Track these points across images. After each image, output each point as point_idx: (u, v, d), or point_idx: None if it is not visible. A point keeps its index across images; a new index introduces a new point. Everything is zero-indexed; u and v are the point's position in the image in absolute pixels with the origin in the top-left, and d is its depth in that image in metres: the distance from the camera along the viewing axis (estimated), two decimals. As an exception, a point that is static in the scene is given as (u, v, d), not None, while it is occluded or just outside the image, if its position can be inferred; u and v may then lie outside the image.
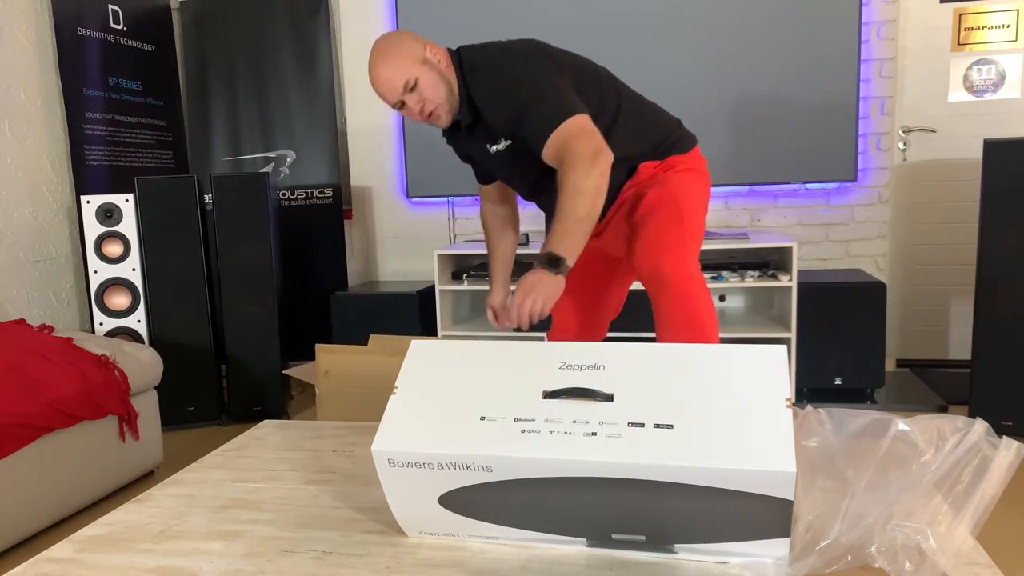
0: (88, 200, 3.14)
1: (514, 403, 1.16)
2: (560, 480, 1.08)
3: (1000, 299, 2.72)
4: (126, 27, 3.62)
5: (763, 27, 3.46)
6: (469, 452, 1.11)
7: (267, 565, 1.28)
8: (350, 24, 3.97)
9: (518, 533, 1.20)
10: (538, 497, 1.12)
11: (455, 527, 1.23)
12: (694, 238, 1.65)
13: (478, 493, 1.15)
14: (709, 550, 1.10)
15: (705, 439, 1.02)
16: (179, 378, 3.20)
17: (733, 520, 1.04)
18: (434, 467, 1.14)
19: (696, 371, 1.13)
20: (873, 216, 3.60)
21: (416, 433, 1.16)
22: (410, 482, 1.18)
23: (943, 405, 3.15)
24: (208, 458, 1.84)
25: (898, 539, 0.99)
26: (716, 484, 1.01)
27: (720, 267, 3.22)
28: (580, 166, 1.52)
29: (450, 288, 3.44)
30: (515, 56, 1.68)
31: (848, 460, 1.11)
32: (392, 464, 1.18)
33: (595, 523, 1.12)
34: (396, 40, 1.70)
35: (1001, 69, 3.52)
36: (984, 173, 2.71)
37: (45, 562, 1.33)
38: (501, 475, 1.11)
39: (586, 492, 1.08)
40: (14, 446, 2.11)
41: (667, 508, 1.06)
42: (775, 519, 1.01)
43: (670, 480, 1.02)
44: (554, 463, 1.07)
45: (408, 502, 1.21)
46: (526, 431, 1.11)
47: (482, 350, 1.26)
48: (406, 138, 3.88)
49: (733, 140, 3.54)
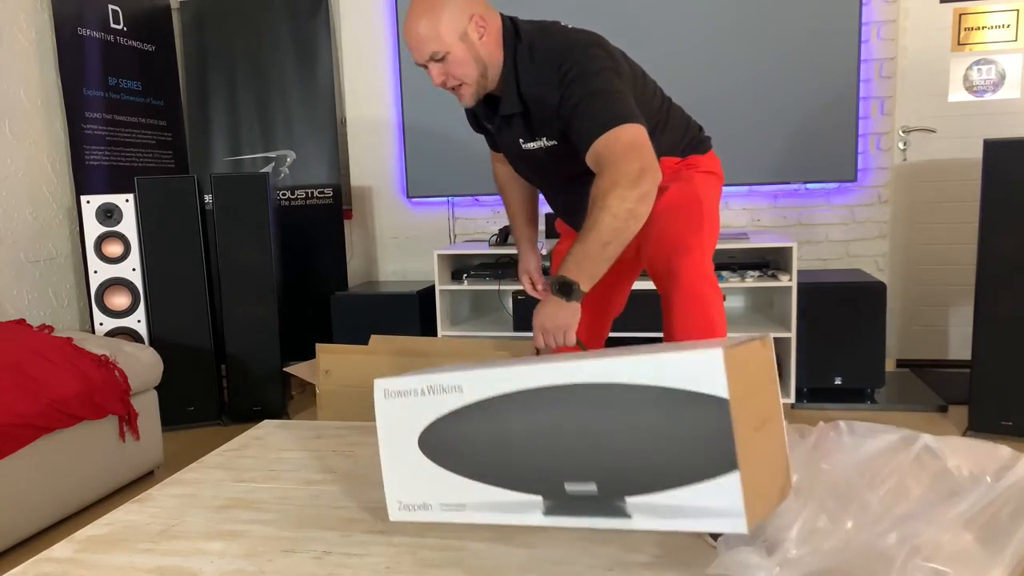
0: (88, 200, 3.14)
1: (501, 361, 1.33)
2: (517, 397, 1.21)
3: (1000, 299, 2.72)
4: (126, 27, 3.62)
5: (763, 27, 3.46)
6: (446, 375, 1.28)
7: (267, 565, 1.27)
8: (350, 24, 3.97)
9: (481, 491, 1.29)
10: (500, 428, 1.24)
11: (428, 490, 1.34)
12: (712, 240, 1.61)
13: (449, 426, 1.29)
14: (660, 507, 1.12)
15: (651, 351, 1.14)
16: (179, 378, 3.20)
17: (676, 443, 1.08)
18: (418, 394, 1.31)
19: (669, 344, 1.27)
20: (873, 216, 3.60)
21: (409, 378, 1.35)
22: (399, 418, 1.34)
23: (943, 405, 3.15)
24: (208, 458, 1.84)
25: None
26: (653, 381, 1.09)
27: (720, 267, 3.22)
28: (620, 184, 1.39)
29: (450, 288, 3.44)
30: (579, 49, 1.53)
31: (868, 482, 1.02)
32: (387, 395, 1.35)
33: (549, 467, 1.21)
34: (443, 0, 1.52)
35: (1001, 69, 3.52)
36: (984, 173, 2.70)
37: (45, 562, 1.33)
38: (470, 395, 1.25)
39: (541, 414, 1.19)
40: (14, 446, 2.11)
41: (610, 428, 1.14)
42: (715, 436, 1.04)
43: (616, 381, 1.12)
44: (516, 373, 1.20)
45: (395, 450, 1.36)
46: (502, 363, 1.27)
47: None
48: (406, 138, 3.88)
49: (733, 140, 3.54)
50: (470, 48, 1.53)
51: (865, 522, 0.94)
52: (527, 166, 1.76)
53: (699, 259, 1.51)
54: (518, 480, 1.24)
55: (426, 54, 1.53)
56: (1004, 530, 0.85)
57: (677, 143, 1.73)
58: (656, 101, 1.71)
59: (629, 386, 1.11)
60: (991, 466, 0.90)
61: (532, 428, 1.21)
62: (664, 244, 1.52)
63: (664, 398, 1.08)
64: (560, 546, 1.29)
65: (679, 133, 1.73)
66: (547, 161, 1.65)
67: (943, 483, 0.93)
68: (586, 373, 1.14)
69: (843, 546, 0.92)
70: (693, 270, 1.50)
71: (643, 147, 1.44)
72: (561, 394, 1.17)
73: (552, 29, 1.60)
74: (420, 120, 3.86)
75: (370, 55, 3.97)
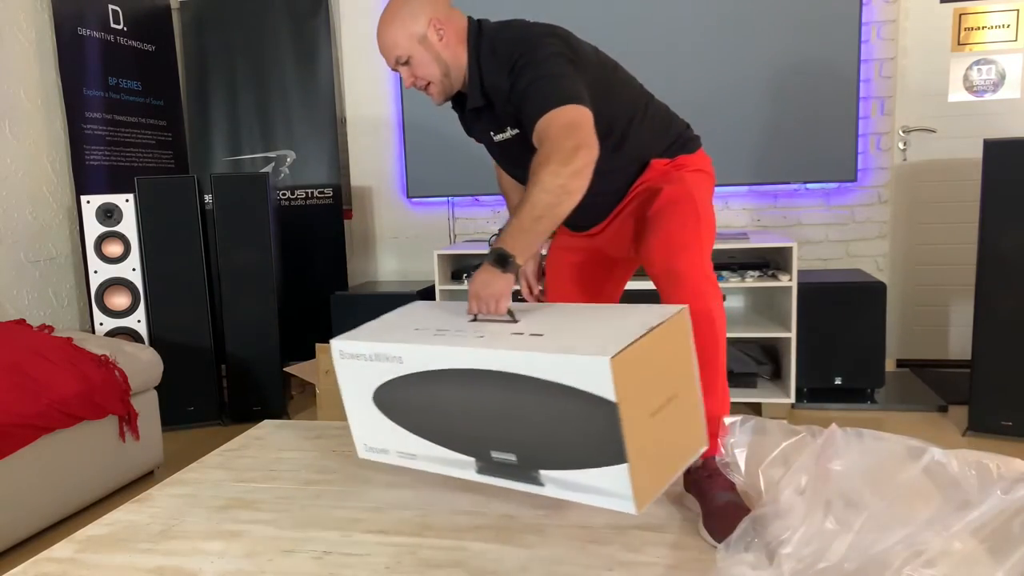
0: (88, 200, 3.14)
1: (444, 322, 1.49)
2: (446, 374, 1.35)
3: (1000, 299, 2.72)
4: (126, 27, 3.62)
5: (763, 27, 3.46)
6: (388, 345, 1.41)
7: (267, 565, 1.28)
8: (350, 24, 3.97)
9: (426, 447, 1.44)
10: (436, 397, 1.38)
11: (386, 438, 1.49)
12: (709, 237, 1.62)
13: (396, 389, 1.43)
14: (568, 482, 1.27)
15: (558, 343, 1.24)
16: (179, 378, 3.20)
17: (575, 431, 1.21)
18: (367, 359, 1.46)
19: (600, 314, 1.39)
20: (873, 216, 3.60)
21: (363, 337, 1.49)
22: (354, 375, 1.49)
23: (943, 405, 3.15)
24: (208, 458, 1.84)
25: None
26: (550, 377, 1.21)
27: (720, 267, 3.22)
28: (552, 161, 1.43)
29: (450, 288, 3.44)
30: (534, 39, 1.60)
31: (872, 485, 1.02)
32: (342, 356, 1.50)
33: (477, 435, 1.35)
34: (401, 7, 1.63)
35: (1001, 69, 3.52)
36: (984, 173, 2.70)
37: (45, 562, 1.33)
38: (408, 367, 1.40)
39: (469, 390, 1.33)
40: (14, 446, 2.11)
41: (521, 413, 1.27)
42: (606, 432, 1.17)
43: (520, 372, 1.24)
44: (443, 353, 1.34)
45: (355, 402, 1.51)
46: (438, 334, 1.41)
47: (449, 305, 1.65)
48: (406, 138, 3.88)
49: (733, 140, 3.54)
50: (429, 49, 1.63)
51: (872, 528, 0.93)
52: (505, 159, 1.82)
53: (697, 257, 1.52)
54: (455, 441, 1.40)
55: (392, 59, 1.65)
56: (1012, 541, 0.84)
57: (661, 139, 1.74)
58: (630, 92, 1.74)
59: (531, 379, 1.23)
60: (1003, 477, 0.88)
61: (462, 401, 1.35)
62: (662, 244, 1.53)
63: (561, 392, 1.20)
64: (560, 546, 1.29)
65: (662, 128, 1.75)
66: (519, 151, 1.68)
67: (953, 494, 0.91)
68: (496, 361, 1.27)
69: (847, 552, 0.92)
70: (692, 268, 1.51)
71: (582, 126, 1.48)
72: (482, 376, 1.30)
73: (513, 24, 1.68)
74: (420, 120, 3.86)
75: (370, 55, 3.96)
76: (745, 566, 1.01)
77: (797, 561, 0.98)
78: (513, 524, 1.38)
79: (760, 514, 1.14)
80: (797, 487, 1.10)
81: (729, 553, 1.10)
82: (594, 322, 1.32)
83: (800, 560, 0.99)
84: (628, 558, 1.23)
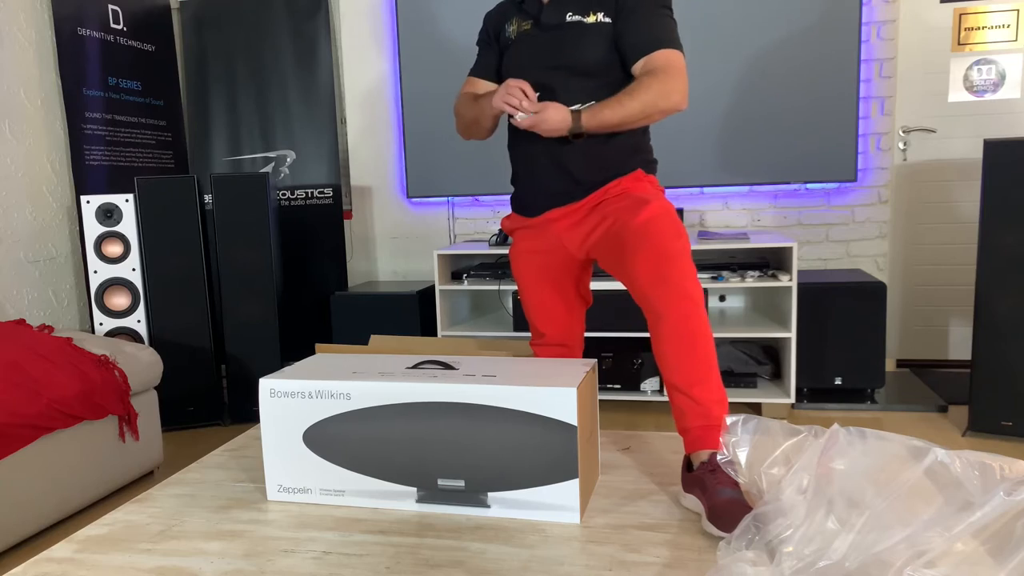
0: (88, 200, 3.14)
1: (383, 368, 1.57)
2: (401, 408, 1.44)
3: (1000, 299, 2.72)
4: (126, 27, 3.62)
5: (763, 27, 3.46)
6: (336, 383, 1.47)
7: (267, 565, 1.27)
8: (350, 24, 3.97)
9: (360, 481, 1.49)
10: (382, 431, 1.45)
11: (311, 476, 1.52)
12: (689, 246, 1.68)
13: (334, 426, 1.48)
14: (514, 501, 1.41)
15: (516, 380, 1.41)
16: (179, 378, 3.20)
17: (532, 454, 1.38)
18: (306, 396, 1.49)
19: (527, 365, 1.55)
20: (873, 216, 3.60)
21: (298, 376, 1.52)
22: (284, 414, 1.51)
23: (943, 405, 3.15)
24: (208, 458, 1.84)
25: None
26: (518, 407, 1.37)
27: (720, 267, 3.22)
28: (665, 92, 1.62)
29: (450, 288, 3.44)
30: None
31: (874, 484, 1.01)
32: (273, 394, 1.51)
33: (424, 465, 1.45)
34: None
35: (1001, 69, 3.52)
36: (984, 173, 2.70)
37: (45, 562, 1.33)
38: (357, 403, 1.46)
39: (421, 423, 1.43)
40: (14, 446, 2.11)
41: (479, 441, 1.40)
42: (563, 452, 1.36)
43: (487, 404, 1.39)
44: (399, 388, 1.43)
45: (278, 441, 1.52)
46: (383, 375, 1.50)
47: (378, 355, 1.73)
48: (406, 138, 3.88)
49: (733, 140, 3.54)
50: None
51: (873, 528, 0.92)
52: (542, 52, 1.77)
53: (688, 267, 1.58)
54: (395, 473, 1.47)
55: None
56: (1014, 543, 0.83)
57: (644, 149, 1.83)
58: None
59: (497, 408, 1.39)
60: (1006, 480, 0.88)
61: (412, 433, 1.44)
62: (654, 253, 1.58)
63: (525, 419, 1.38)
64: (560, 546, 1.29)
65: (647, 139, 1.86)
66: (574, 43, 1.73)
67: (955, 495, 0.91)
68: (463, 394, 1.40)
69: (848, 551, 0.91)
70: (683, 273, 1.56)
71: (686, 76, 1.70)
72: (441, 409, 1.42)
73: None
74: (420, 120, 3.86)
75: (370, 55, 3.97)
76: (746, 564, 1.01)
77: (798, 559, 0.98)
78: (513, 524, 1.38)
79: (762, 512, 1.14)
80: (799, 486, 1.10)
81: (730, 550, 1.09)
82: (535, 367, 1.53)
83: (801, 559, 0.98)
84: (627, 558, 1.23)
